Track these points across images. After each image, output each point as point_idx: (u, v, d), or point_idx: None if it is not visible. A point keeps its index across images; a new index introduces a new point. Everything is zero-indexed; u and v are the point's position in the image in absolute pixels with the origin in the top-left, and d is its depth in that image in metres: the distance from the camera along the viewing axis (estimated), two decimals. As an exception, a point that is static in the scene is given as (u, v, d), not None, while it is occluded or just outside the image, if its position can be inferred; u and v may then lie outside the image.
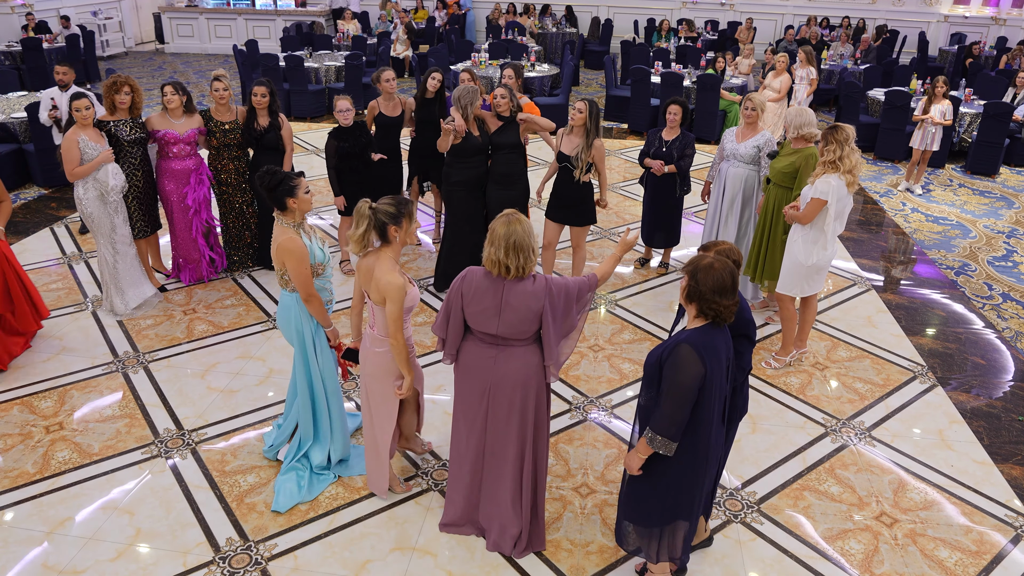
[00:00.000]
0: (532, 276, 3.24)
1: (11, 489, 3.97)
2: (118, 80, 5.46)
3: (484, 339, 3.35)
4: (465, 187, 5.72)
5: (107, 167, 5.30)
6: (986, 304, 6.36)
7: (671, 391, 2.86)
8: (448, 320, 3.36)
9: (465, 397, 3.48)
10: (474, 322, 3.31)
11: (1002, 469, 4.36)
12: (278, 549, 3.64)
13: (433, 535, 3.74)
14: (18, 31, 14.47)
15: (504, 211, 3.28)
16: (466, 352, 3.41)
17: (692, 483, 3.06)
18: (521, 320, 3.24)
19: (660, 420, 2.90)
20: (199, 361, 5.14)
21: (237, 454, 4.27)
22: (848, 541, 3.79)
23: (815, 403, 4.89)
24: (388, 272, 3.41)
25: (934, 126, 8.73)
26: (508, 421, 3.42)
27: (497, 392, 3.38)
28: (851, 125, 4.78)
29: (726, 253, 3.26)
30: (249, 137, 5.84)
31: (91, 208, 5.34)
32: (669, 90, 10.59)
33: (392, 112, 6.25)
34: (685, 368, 2.82)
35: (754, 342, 3.27)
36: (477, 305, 3.26)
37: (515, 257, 3.16)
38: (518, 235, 3.16)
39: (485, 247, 3.22)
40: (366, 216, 3.41)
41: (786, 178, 5.22)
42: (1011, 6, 16.89)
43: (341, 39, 14.38)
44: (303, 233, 3.76)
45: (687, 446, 2.97)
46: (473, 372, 3.40)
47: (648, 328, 5.72)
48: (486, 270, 3.25)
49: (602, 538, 3.75)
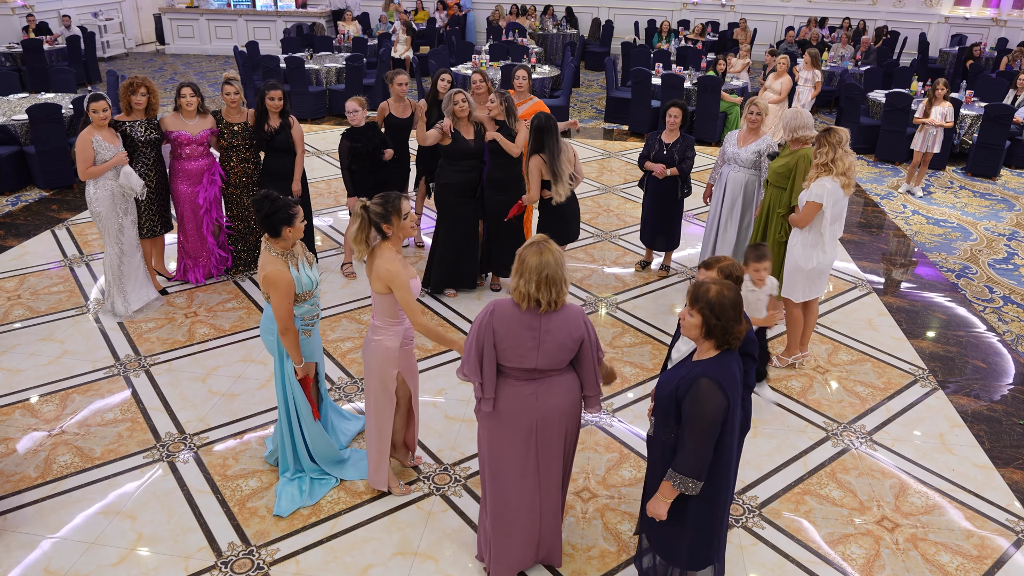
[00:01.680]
0: (568, 305, 3.06)
1: (13, 493, 3.97)
2: (135, 81, 5.51)
3: (519, 376, 3.10)
4: (454, 190, 5.72)
5: (126, 170, 5.35)
6: (987, 307, 6.36)
7: (696, 428, 2.74)
8: (481, 360, 3.07)
9: (508, 443, 3.18)
10: (508, 358, 3.05)
11: (1003, 473, 4.36)
12: (280, 554, 3.64)
13: (435, 539, 3.75)
14: (19, 32, 14.47)
15: (534, 238, 3.03)
16: (501, 396, 3.13)
17: (719, 511, 3.00)
18: (561, 349, 3.03)
19: (686, 460, 2.78)
20: (200, 364, 5.14)
21: (239, 458, 4.27)
22: (849, 546, 3.80)
23: (816, 407, 4.89)
24: (388, 261, 3.49)
25: (935, 128, 8.74)
26: (555, 454, 3.24)
27: (544, 428, 3.15)
28: (846, 128, 4.80)
29: (728, 270, 3.22)
30: (260, 139, 5.87)
31: (101, 207, 5.37)
32: (670, 92, 10.59)
33: (402, 114, 6.27)
34: (707, 403, 2.71)
35: (756, 360, 3.23)
36: (513, 339, 3.00)
37: (547, 291, 2.93)
38: (551, 268, 2.91)
39: (513, 277, 2.99)
40: (359, 215, 3.49)
41: (781, 178, 5.24)
42: (1012, 7, 16.89)
43: (342, 40, 14.39)
44: (291, 263, 3.70)
45: (711, 479, 2.88)
46: (514, 415, 3.12)
47: (649, 332, 5.72)
48: (514, 302, 3.03)
49: (603, 543, 3.76)
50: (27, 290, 6.10)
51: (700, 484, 2.82)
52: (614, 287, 6.40)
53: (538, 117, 5.28)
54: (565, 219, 5.60)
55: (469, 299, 6.09)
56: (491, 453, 3.26)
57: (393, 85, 6.19)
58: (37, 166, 8.26)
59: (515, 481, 3.26)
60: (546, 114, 5.36)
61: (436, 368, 5.16)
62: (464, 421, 4.62)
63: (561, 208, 5.50)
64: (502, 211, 5.77)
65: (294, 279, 3.67)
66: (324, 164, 9.40)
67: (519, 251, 3.00)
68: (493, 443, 3.24)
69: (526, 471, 3.24)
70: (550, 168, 5.30)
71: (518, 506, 3.30)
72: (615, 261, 6.90)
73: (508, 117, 5.67)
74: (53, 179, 8.29)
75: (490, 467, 3.29)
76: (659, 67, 11.77)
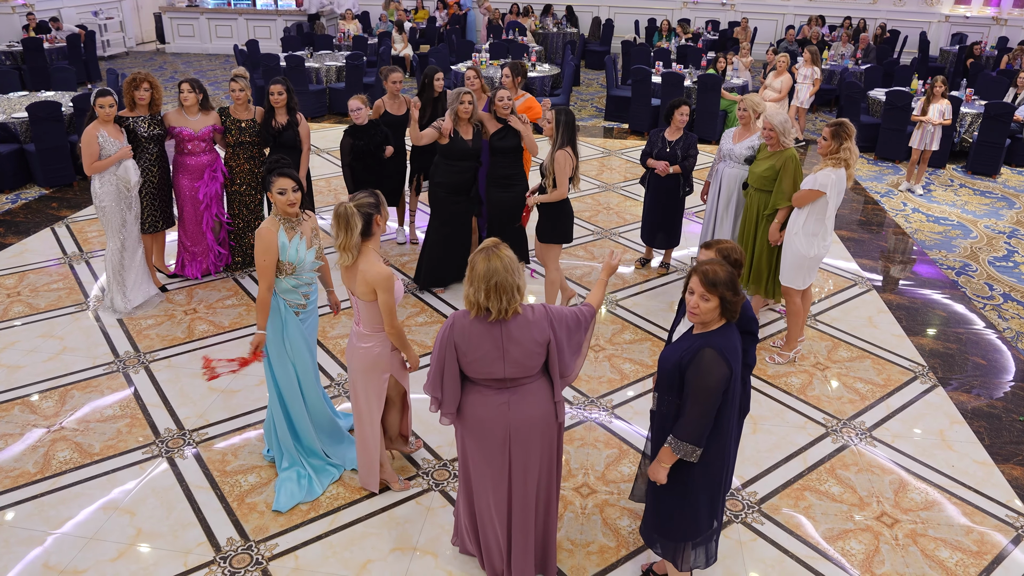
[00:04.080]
0: (530, 306, 2.98)
1: (12, 489, 3.97)
2: (138, 76, 5.54)
3: (490, 385, 3.01)
4: (447, 189, 5.71)
5: (127, 163, 5.36)
6: (987, 304, 6.36)
7: (698, 396, 2.81)
8: (442, 376, 3.00)
9: (482, 452, 3.11)
10: (474, 370, 2.96)
11: (1003, 469, 4.35)
12: (279, 549, 3.64)
13: (434, 535, 3.74)
14: (19, 31, 14.48)
15: (486, 242, 2.92)
16: (472, 405, 3.05)
17: (716, 483, 3.05)
18: (528, 355, 2.94)
19: (687, 426, 2.85)
20: (200, 361, 5.13)
21: (238, 454, 4.27)
22: (849, 541, 3.79)
23: (816, 403, 4.89)
24: (374, 264, 3.41)
25: (932, 126, 8.74)
26: (532, 465, 3.13)
27: (518, 438, 3.05)
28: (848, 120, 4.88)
29: (727, 252, 3.26)
30: (267, 135, 5.88)
31: (106, 202, 5.40)
32: (670, 90, 10.59)
33: (397, 111, 6.29)
34: (712, 372, 2.78)
35: (757, 338, 3.27)
36: (476, 351, 2.92)
37: (497, 299, 2.82)
38: (499, 275, 2.80)
39: (465, 284, 2.89)
40: (356, 214, 3.35)
41: (766, 182, 5.28)
42: (1012, 6, 16.88)
43: (342, 39, 14.39)
44: (286, 230, 3.70)
45: (710, 449, 2.94)
46: (486, 424, 3.04)
47: (649, 328, 5.72)
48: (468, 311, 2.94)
49: (603, 538, 3.75)
50: (27, 287, 6.10)
51: (699, 451, 2.88)
52: (614, 284, 6.40)
53: (566, 112, 5.15)
54: (569, 216, 5.46)
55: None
56: (466, 457, 3.22)
57: (387, 82, 6.20)
58: (37, 164, 8.26)
59: (489, 493, 3.18)
60: (568, 108, 5.36)
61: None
62: (463, 417, 4.61)
63: (563, 206, 5.41)
64: (505, 209, 5.76)
65: (280, 244, 3.67)
66: (324, 162, 9.40)
67: (471, 257, 2.90)
68: (467, 447, 3.19)
69: (498, 484, 3.14)
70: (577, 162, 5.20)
71: (492, 519, 3.25)
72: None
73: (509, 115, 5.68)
74: (53, 177, 8.29)
75: (466, 471, 3.27)
76: (659, 65, 11.76)
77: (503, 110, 5.62)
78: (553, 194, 5.24)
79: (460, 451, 3.28)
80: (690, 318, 2.91)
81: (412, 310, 5.86)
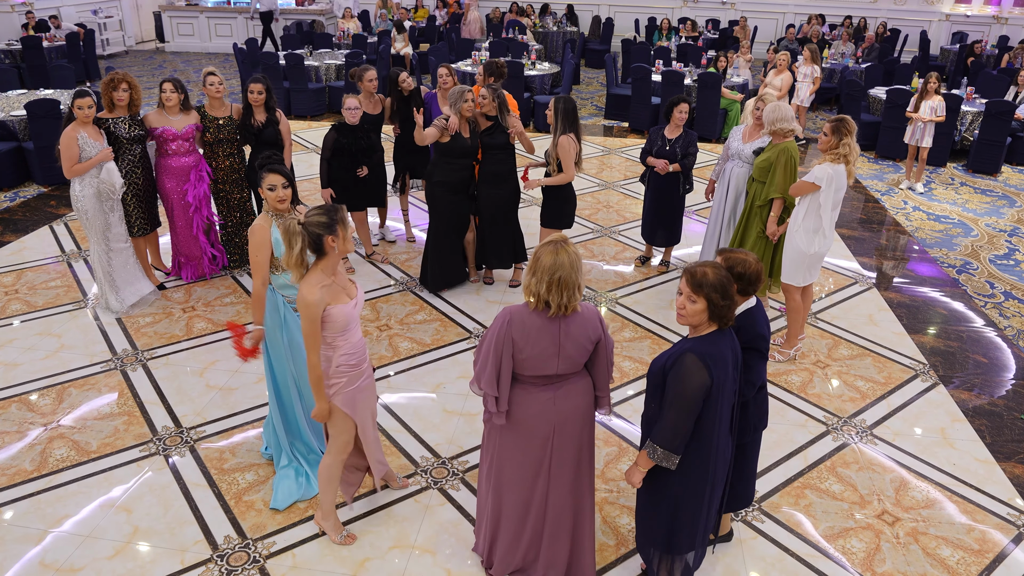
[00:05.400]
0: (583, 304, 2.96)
1: (9, 487, 3.95)
2: (115, 77, 5.45)
3: (536, 382, 3.00)
4: (447, 187, 5.70)
5: (108, 166, 5.29)
6: (988, 302, 6.34)
7: (674, 401, 2.77)
8: (499, 374, 2.94)
9: (520, 449, 3.09)
10: (527, 367, 2.93)
11: (1004, 468, 4.33)
12: (276, 547, 3.62)
13: (432, 533, 3.72)
14: (18, 29, 14.46)
15: (552, 236, 2.89)
16: (517, 403, 3.02)
17: (694, 499, 2.98)
18: (581, 352, 2.95)
19: (662, 431, 2.81)
20: (198, 359, 5.12)
21: (236, 452, 4.25)
22: (849, 540, 3.77)
23: (816, 401, 4.87)
24: (306, 285, 3.12)
25: (923, 123, 8.73)
26: (571, 458, 3.14)
27: (562, 432, 3.06)
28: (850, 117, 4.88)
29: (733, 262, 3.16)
30: (247, 133, 5.83)
31: (86, 205, 5.33)
32: (670, 89, 10.57)
33: (373, 110, 6.27)
34: (689, 378, 2.74)
35: (766, 357, 3.18)
36: (534, 348, 2.89)
37: (558, 294, 2.81)
38: (564, 270, 2.78)
39: (526, 274, 2.87)
40: (298, 233, 3.09)
41: (763, 173, 5.28)
42: (1013, 5, 16.86)
43: (341, 38, 14.37)
44: (279, 225, 3.65)
45: (691, 460, 2.89)
46: (531, 420, 3.03)
47: (649, 326, 5.70)
48: (526, 305, 2.92)
49: (602, 536, 3.73)
50: (24, 285, 6.08)
51: (676, 458, 2.83)
52: (614, 282, 6.38)
53: (564, 100, 5.36)
54: (571, 201, 5.71)
55: (467, 295, 6.07)
56: (500, 459, 3.17)
57: (363, 83, 6.18)
58: (35, 162, 8.24)
59: (526, 486, 3.16)
60: (567, 96, 5.43)
61: (434, 363, 5.14)
62: (462, 415, 4.60)
63: (568, 192, 5.63)
64: (498, 205, 5.78)
65: (273, 240, 3.65)
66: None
67: (536, 249, 2.88)
68: (504, 450, 3.14)
69: (537, 477, 3.14)
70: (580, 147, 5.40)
71: (523, 512, 3.22)
72: (615, 257, 6.88)
73: (500, 112, 5.65)
74: (51, 175, 8.26)
75: (497, 472, 3.21)
76: (659, 64, 11.74)
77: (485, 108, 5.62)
78: (559, 177, 5.45)
79: (492, 448, 3.21)
80: (678, 319, 2.86)
81: (411, 308, 5.84)
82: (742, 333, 3.06)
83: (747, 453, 3.36)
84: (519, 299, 6.00)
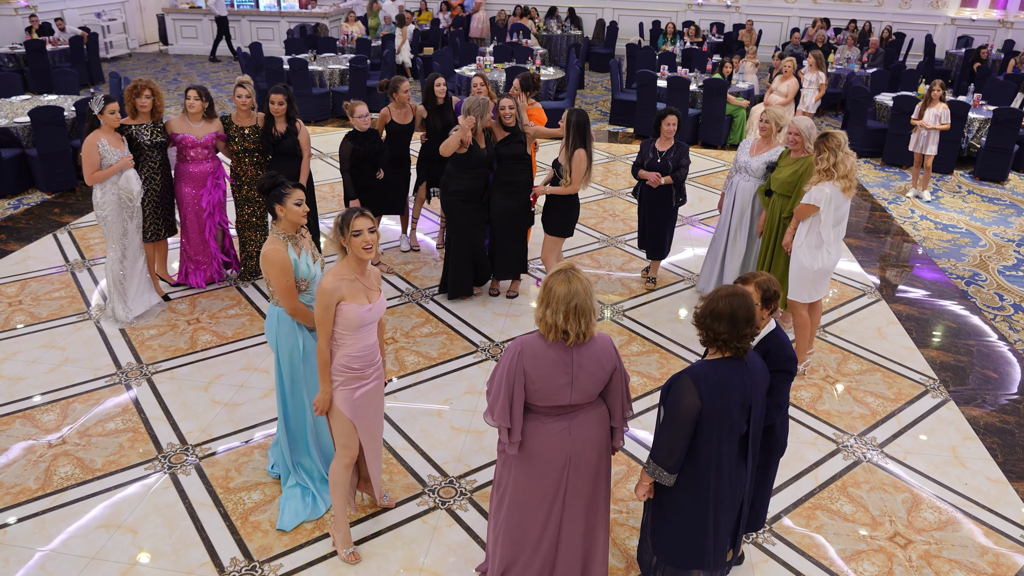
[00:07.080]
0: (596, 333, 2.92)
1: (14, 505, 3.92)
2: (139, 83, 5.48)
3: (550, 412, 2.96)
4: (463, 196, 5.69)
5: (128, 173, 5.30)
6: (997, 315, 6.29)
7: (667, 420, 2.85)
8: (511, 405, 2.90)
9: (531, 479, 3.04)
10: (540, 397, 2.89)
11: (1017, 487, 4.29)
12: (283, 569, 3.59)
13: (440, 555, 3.69)
14: (22, 33, 14.43)
15: (560, 264, 2.86)
16: (532, 433, 2.97)
17: (695, 524, 2.96)
18: (595, 382, 2.91)
19: (657, 449, 2.90)
20: (203, 373, 5.08)
21: (241, 470, 4.22)
22: (862, 563, 3.73)
23: (826, 418, 4.83)
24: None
25: (927, 130, 8.67)
26: (586, 488, 3.08)
27: (578, 462, 3.01)
28: (844, 132, 4.81)
29: (765, 285, 3.17)
30: (267, 143, 5.83)
31: (107, 211, 5.35)
32: (675, 94, 10.52)
33: (403, 120, 6.24)
34: (679, 400, 2.80)
35: (793, 376, 3.15)
36: (546, 379, 2.85)
37: (576, 322, 2.77)
38: (579, 297, 2.75)
39: (537, 307, 2.83)
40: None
41: (789, 188, 5.22)
42: (1018, 9, 16.79)
43: (345, 42, 14.33)
44: (292, 246, 3.64)
45: (688, 483, 2.91)
46: (546, 451, 2.99)
47: (656, 340, 5.66)
48: (540, 335, 2.87)
49: (611, 559, 3.68)
50: (28, 296, 6.05)
51: (672, 477, 2.88)
52: (620, 293, 6.34)
53: (576, 112, 5.39)
54: (576, 210, 5.77)
55: (472, 306, 6.03)
56: (514, 488, 3.11)
57: (398, 94, 6.15)
58: (39, 169, 8.21)
59: (539, 519, 3.11)
60: (580, 109, 5.52)
61: (440, 378, 5.10)
62: (470, 432, 4.56)
63: (573, 201, 5.70)
64: (510, 216, 5.76)
65: (292, 261, 3.60)
66: (327, 167, 9.35)
67: (545, 279, 2.83)
68: (518, 480, 3.08)
69: (552, 509, 3.09)
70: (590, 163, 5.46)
71: (535, 545, 3.16)
72: (620, 267, 6.84)
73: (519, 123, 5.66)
74: (55, 182, 8.24)
75: (510, 500, 3.14)
76: (664, 69, 11.70)
77: (507, 118, 5.59)
78: (566, 188, 5.52)
79: (505, 476, 3.15)
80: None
81: (416, 320, 5.81)
82: (770, 357, 3.06)
83: (764, 477, 3.33)
84: (520, 310, 5.96)
